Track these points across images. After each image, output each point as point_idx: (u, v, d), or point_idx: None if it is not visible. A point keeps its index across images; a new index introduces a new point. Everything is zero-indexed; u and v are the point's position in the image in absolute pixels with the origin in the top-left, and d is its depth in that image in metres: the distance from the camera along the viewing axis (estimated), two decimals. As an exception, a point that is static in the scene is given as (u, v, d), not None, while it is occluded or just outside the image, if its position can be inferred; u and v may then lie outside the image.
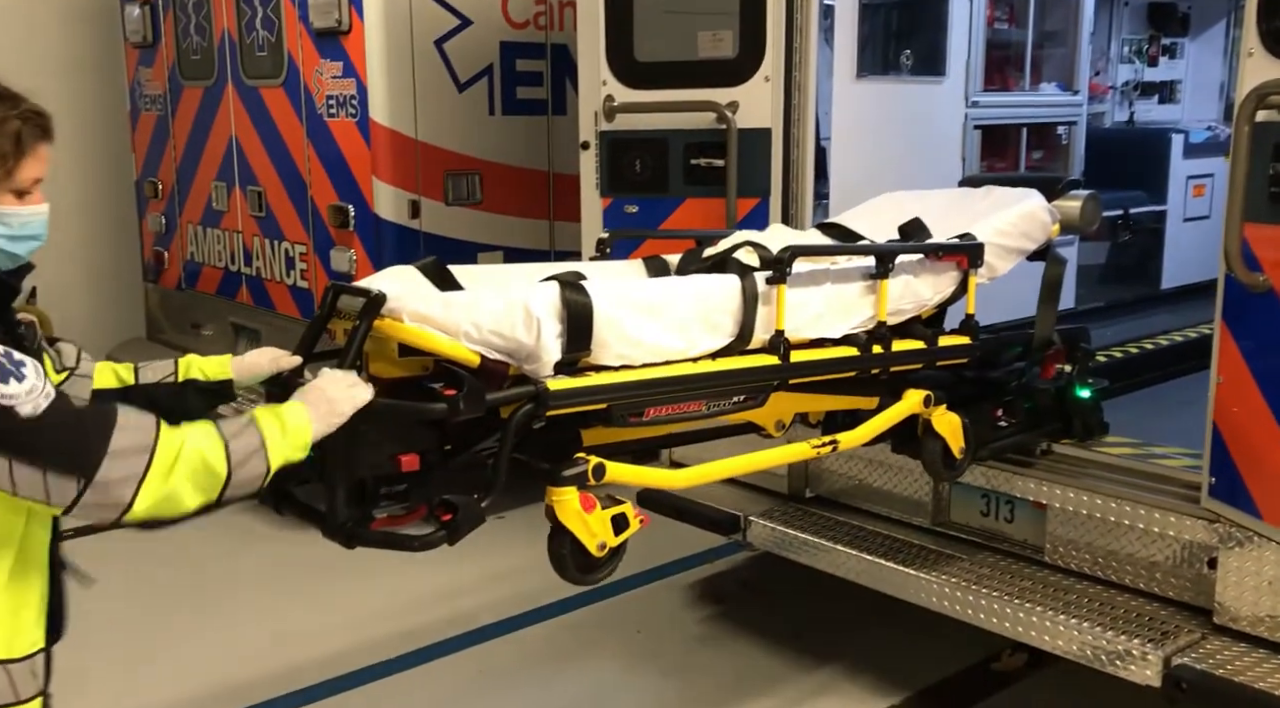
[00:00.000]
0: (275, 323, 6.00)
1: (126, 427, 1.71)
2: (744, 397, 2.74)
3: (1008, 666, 4.17)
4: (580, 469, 2.39)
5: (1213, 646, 3.03)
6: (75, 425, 1.69)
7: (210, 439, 1.77)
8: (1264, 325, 2.86)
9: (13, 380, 1.64)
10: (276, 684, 3.96)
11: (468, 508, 2.16)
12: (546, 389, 2.30)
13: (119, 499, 1.69)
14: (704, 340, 2.62)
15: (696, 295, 2.62)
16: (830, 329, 2.89)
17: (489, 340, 2.27)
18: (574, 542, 2.39)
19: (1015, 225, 3.32)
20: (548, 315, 2.31)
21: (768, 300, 2.69)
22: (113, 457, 1.68)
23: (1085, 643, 3.14)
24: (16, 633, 1.81)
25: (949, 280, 3.18)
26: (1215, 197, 6.08)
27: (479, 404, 2.19)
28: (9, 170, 1.77)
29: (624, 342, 2.46)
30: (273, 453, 1.83)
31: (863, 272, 2.95)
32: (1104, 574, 3.43)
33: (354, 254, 5.32)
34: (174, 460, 1.72)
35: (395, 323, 2.22)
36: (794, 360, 2.77)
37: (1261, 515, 2.94)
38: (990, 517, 3.76)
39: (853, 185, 4.27)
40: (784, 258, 2.69)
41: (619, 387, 2.45)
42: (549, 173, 5.69)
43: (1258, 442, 2.92)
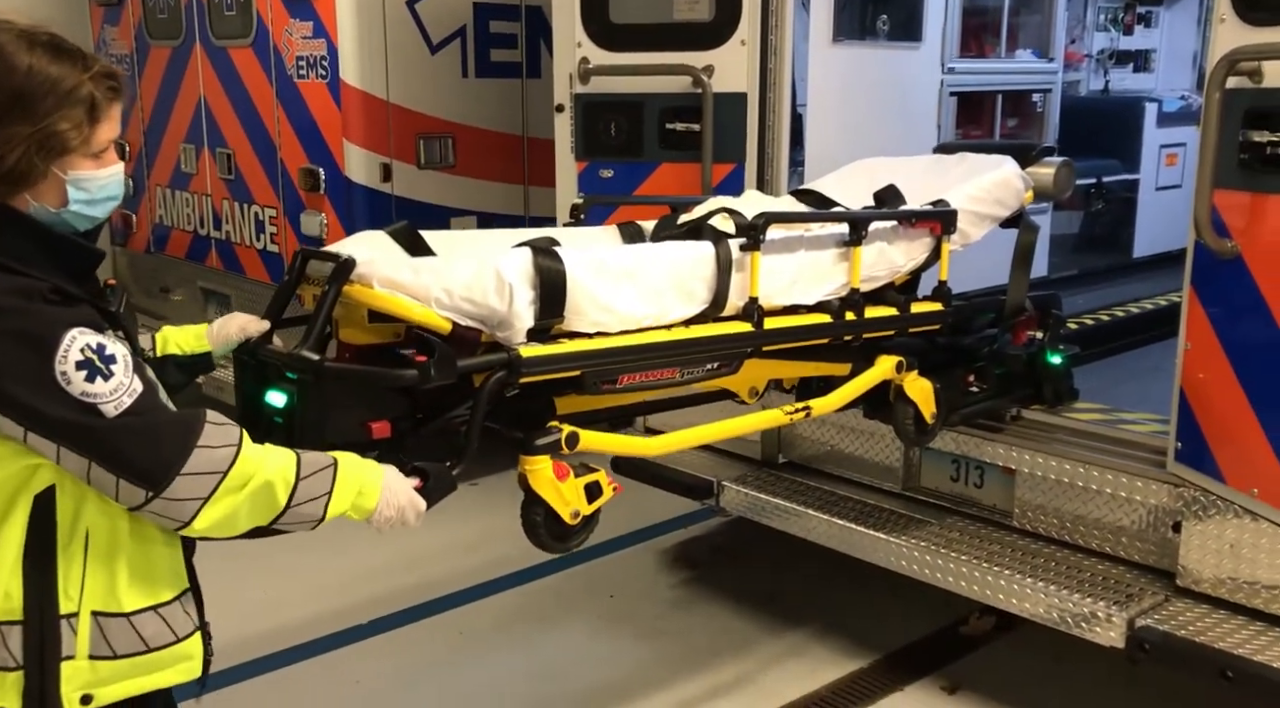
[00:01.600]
0: (245, 287, 5.94)
1: (208, 445, 1.73)
2: (718, 363, 2.74)
3: (975, 629, 4.23)
4: (554, 438, 2.39)
5: (1175, 608, 3.08)
6: (154, 434, 1.71)
7: (283, 472, 1.81)
8: (1232, 292, 2.88)
9: (99, 379, 1.66)
10: (251, 649, 3.96)
11: (439, 475, 2.14)
12: (519, 356, 2.28)
13: (181, 515, 1.74)
14: (678, 308, 2.61)
15: (671, 262, 2.61)
16: (804, 296, 2.89)
17: (460, 307, 2.24)
18: (548, 510, 2.40)
19: (989, 192, 3.32)
20: (520, 281, 2.27)
21: (742, 267, 2.68)
22: (185, 476, 1.71)
23: (1052, 606, 3.19)
24: (156, 582, 1.84)
25: (922, 247, 3.19)
26: (1187, 166, 6.12)
27: (450, 371, 2.17)
28: (85, 138, 1.74)
29: (598, 308, 2.44)
30: (333, 506, 1.87)
31: (836, 239, 2.95)
32: (1071, 539, 3.47)
33: (325, 218, 5.26)
34: (243, 486, 1.76)
35: (365, 289, 2.19)
36: (768, 328, 2.77)
37: (1225, 480, 2.98)
38: (960, 482, 3.80)
39: (828, 151, 4.26)
40: (758, 224, 2.68)
41: (592, 354, 2.43)
42: (523, 137, 5.63)
43: (1223, 407, 2.95)
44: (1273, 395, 2.81)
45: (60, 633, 1.76)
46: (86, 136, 1.74)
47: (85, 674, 1.78)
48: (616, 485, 2.50)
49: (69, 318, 1.68)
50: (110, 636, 1.80)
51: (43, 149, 1.71)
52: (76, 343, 1.65)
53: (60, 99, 1.71)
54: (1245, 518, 2.96)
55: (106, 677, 1.80)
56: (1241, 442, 2.91)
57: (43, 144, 1.71)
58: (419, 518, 2.01)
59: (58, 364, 1.64)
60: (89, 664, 1.78)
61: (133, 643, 1.81)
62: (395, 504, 1.95)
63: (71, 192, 1.76)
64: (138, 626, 1.82)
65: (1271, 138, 2.68)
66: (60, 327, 1.66)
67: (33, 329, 1.65)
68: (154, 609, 1.84)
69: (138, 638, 1.82)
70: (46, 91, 1.70)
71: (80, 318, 1.70)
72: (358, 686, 3.85)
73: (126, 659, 1.81)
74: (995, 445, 3.58)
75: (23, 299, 1.66)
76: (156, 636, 1.84)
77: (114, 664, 1.80)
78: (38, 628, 1.76)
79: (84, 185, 1.78)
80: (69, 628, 1.77)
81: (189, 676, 1.91)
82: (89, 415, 1.65)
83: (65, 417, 1.65)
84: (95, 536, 1.78)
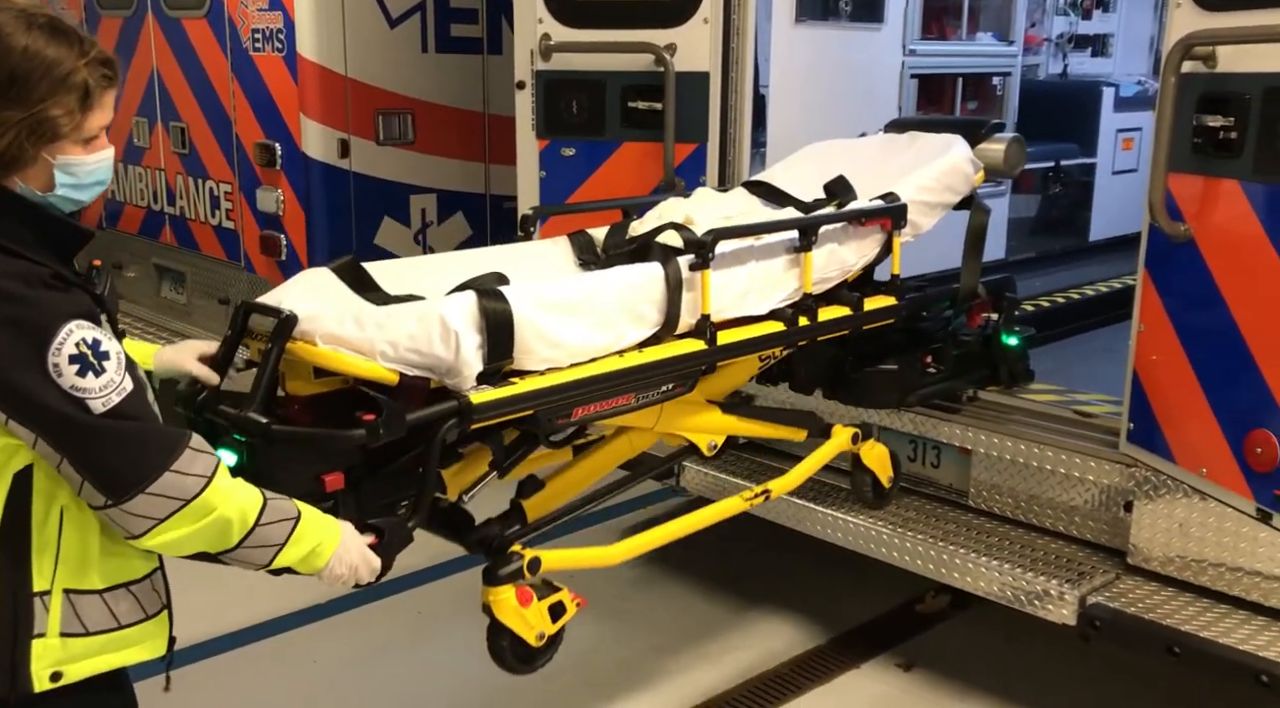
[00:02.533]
0: (200, 264, 5.85)
1: (180, 471, 1.73)
2: (673, 384, 2.70)
3: (931, 607, 4.28)
4: (515, 566, 2.44)
5: (1125, 585, 3.14)
6: (131, 446, 1.70)
7: (244, 514, 1.81)
8: (1185, 275, 2.92)
9: (90, 374, 1.65)
10: (208, 629, 3.92)
11: (394, 530, 2.14)
12: (469, 403, 2.23)
13: (131, 529, 1.73)
14: (630, 332, 2.57)
15: (619, 288, 2.55)
16: (756, 307, 2.85)
17: (407, 358, 2.18)
18: (513, 637, 2.46)
19: (938, 180, 3.29)
20: (466, 327, 2.22)
21: (692, 286, 2.64)
22: (148, 495, 1.71)
23: (1005, 584, 3.23)
24: (128, 560, 1.84)
25: (873, 243, 3.15)
26: (1143, 150, 6.20)
27: (399, 427, 2.13)
28: (76, 124, 1.73)
29: (547, 345, 2.39)
30: (281, 559, 1.88)
31: (786, 245, 2.90)
32: (1025, 518, 3.52)
33: (281, 194, 5.18)
34: (200, 518, 1.76)
35: (308, 346, 2.15)
36: (721, 343, 2.73)
37: (1175, 460, 3.03)
38: (917, 462, 3.84)
39: (791, 133, 4.26)
40: (707, 241, 2.63)
41: (544, 392, 2.38)
42: (484, 114, 5.57)
43: (1174, 388, 3.00)
44: (1222, 377, 2.86)
45: (33, 611, 1.76)
46: (78, 123, 1.73)
47: (56, 652, 1.78)
48: (580, 600, 2.55)
49: (68, 309, 1.67)
50: (82, 613, 1.80)
51: (33, 135, 1.69)
52: (73, 336, 1.65)
53: (54, 84, 1.69)
54: (1194, 497, 3.02)
55: (77, 653, 1.79)
56: (1191, 423, 2.96)
57: (34, 130, 1.69)
58: (373, 574, 2.03)
59: (51, 356, 1.63)
60: (60, 642, 1.78)
61: (104, 620, 1.82)
62: (348, 562, 1.97)
63: (59, 176, 1.75)
64: (109, 602, 1.82)
65: (1224, 122, 2.72)
66: (59, 318, 1.65)
67: (31, 318, 1.64)
68: (126, 586, 1.85)
69: (110, 615, 1.82)
70: (41, 76, 1.68)
71: (79, 308, 1.69)
72: (315, 665, 3.83)
73: (98, 636, 1.81)
74: (952, 426, 3.62)
75: (23, 285, 1.64)
76: (128, 612, 1.85)
77: (85, 641, 1.80)
78: (10, 606, 1.75)
79: (72, 170, 1.76)
80: (41, 606, 1.76)
81: (155, 653, 1.91)
82: (74, 409, 1.65)
83: (50, 407, 1.64)
84: (70, 514, 1.77)
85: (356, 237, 5.23)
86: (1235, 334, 2.77)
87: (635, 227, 3.05)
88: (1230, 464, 2.83)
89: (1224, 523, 2.97)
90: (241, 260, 5.55)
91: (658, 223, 3.01)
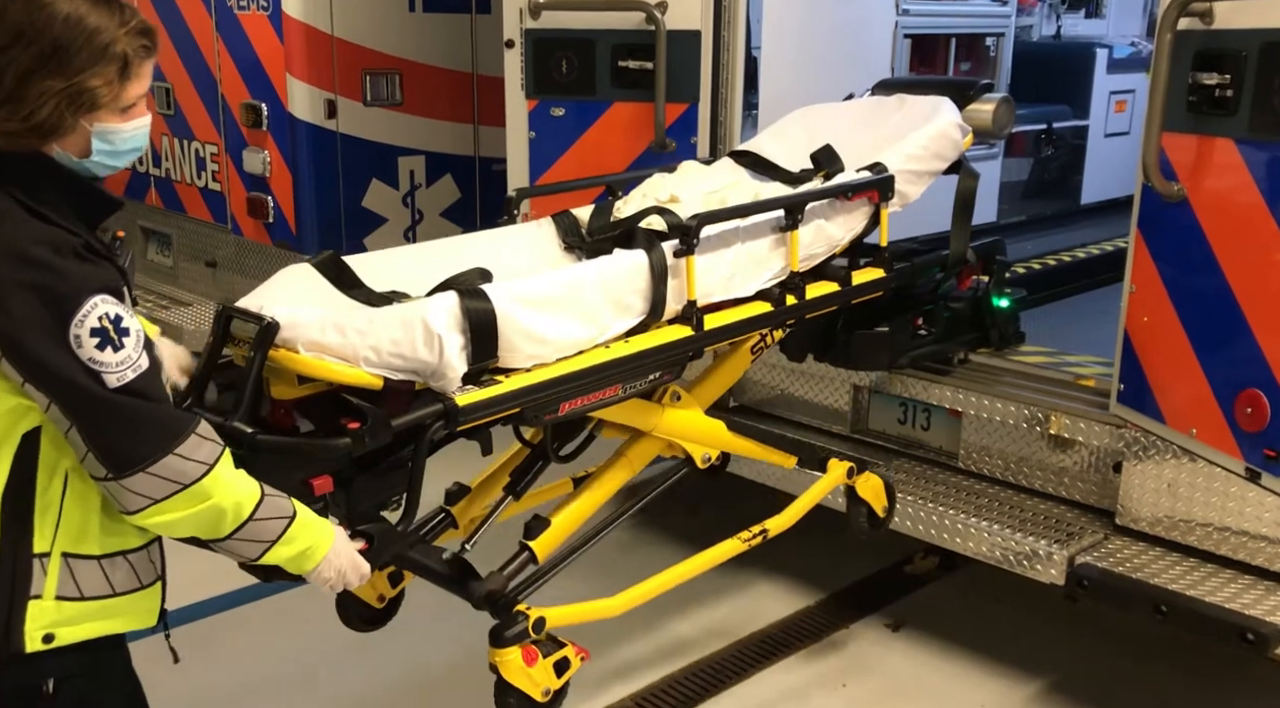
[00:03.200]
0: (186, 227, 5.80)
1: (183, 455, 1.74)
2: (661, 372, 2.68)
3: (920, 568, 4.31)
4: (521, 627, 2.51)
5: (1114, 545, 3.16)
6: (140, 424, 1.71)
7: (240, 506, 1.82)
8: (1177, 235, 2.91)
9: (109, 349, 1.67)
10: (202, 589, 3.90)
11: (384, 535, 2.17)
12: (455, 405, 2.22)
13: (126, 505, 1.75)
14: (615, 323, 2.54)
15: (603, 280, 2.52)
16: (743, 289, 2.81)
17: (390, 363, 2.16)
18: (520, 694, 2.52)
19: (926, 148, 3.24)
20: (449, 330, 2.19)
21: (677, 273, 2.61)
22: (148, 474, 1.72)
23: (995, 545, 3.25)
24: (127, 529, 1.85)
25: (860, 217, 3.09)
26: (1136, 113, 6.16)
27: (385, 434, 2.12)
28: (115, 95, 1.74)
29: (532, 342, 2.36)
30: (271, 555, 1.89)
31: (772, 225, 2.85)
32: (1015, 479, 3.53)
33: (268, 155, 5.13)
34: (196, 504, 1.77)
35: (290, 354, 2.13)
36: (709, 328, 2.70)
37: (1165, 420, 3.04)
38: (907, 425, 3.84)
39: (783, 92, 4.22)
40: (691, 227, 2.59)
41: (530, 389, 2.36)
42: (473, 74, 5.51)
43: (1165, 349, 3.00)
44: (1213, 337, 2.86)
45: (31, 572, 1.77)
46: (116, 93, 1.74)
47: (51, 614, 1.79)
48: (584, 654, 2.62)
49: (95, 282, 1.69)
50: (79, 577, 1.81)
51: (73, 104, 1.70)
52: (97, 310, 1.66)
53: (95, 55, 1.70)
54: (1183, 458, 3.03)
55: (71, 617, 1.80)
56: (1182, 383, 2.96)
57: (73, 99, 1.70)
58: (362, 580, 2.06)
59: (73, 327, 1.65)
60: (55, 605, 1.79)
61: (100, 586, 1.83)
62: (337, 567, 1.99)
63: (96, 143, 1.77)
64: (106, 569, 1.83)
65: (1220, 80, 2.69)
66: (86, 291, 1.67)
67: (58, 288, 1.65)
68: (123, 555, 1.86)
69: (105, 582, 1.83)
70: (82, 45, 1.69)
71: (105, 282, 1.70)
72: (307, 625, 3.84)
73: (92, 602, 1.82)
74: (943, 388, 3.62)
75: (53, 253, 1.66)
76: (123, 581, 1.86)
77: (79, 606, 1.81)
78: (10, 566, 1.76)
79: (109, 138, 1.78)
80: (40, 567, 1.78)
81: (146, 623, 1.93)
82: (89, 381, 1.66)
83: (66, 377, 1.66)
84: (74, 479, 1.79)
85: (344, 199, 5.19)
86: (1227, 294, 2.77)
87: (619, 207, 3.02)
88: (1220, 424, 2.83)
89: (1213, 483, 2.98)
90: (228, 223, 5.50)
91: (642, 202, 2.99)
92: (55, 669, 1.83)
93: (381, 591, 2.96)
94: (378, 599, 2.99)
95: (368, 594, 2.95)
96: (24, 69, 1.66)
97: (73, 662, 1.84)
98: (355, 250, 5.34)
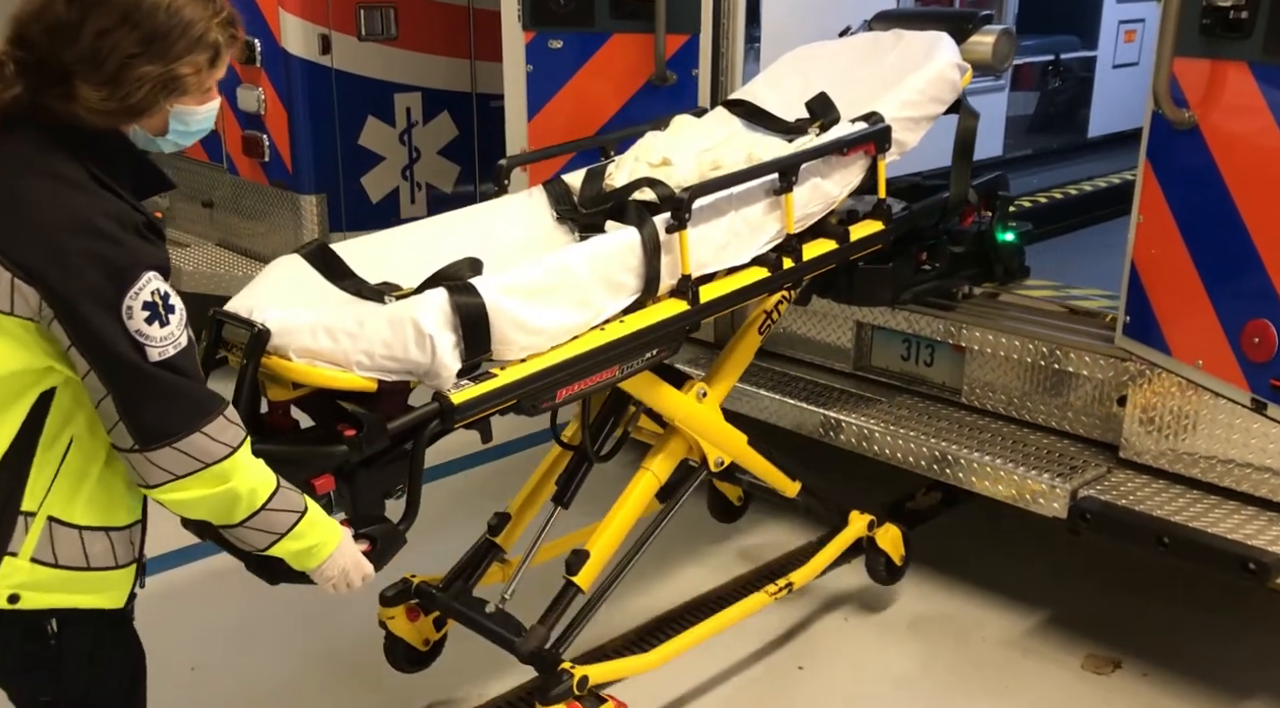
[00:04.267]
0: (181, 167, 5.72)
1: (209, 435, 1.77)
2: (658, 350, 2.65)
3: (922, 504, 4.32)
4: (565, 685, 2.63)
5: (1117, 478, 3.15)
6: (174, 400, 1.75)
7: (254, 494, 1.85)
8: (1187, 163, 2.86)
9: (156, 324, 1.71)
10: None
11: (387, 536, 2.19)
12: (451, 404, 2.22)
13: (148, 478, 1.77)
14: (610, 305, 2.51)
15: (594, 262, 2.47)
16: (737, 257, 2.75)
17: (384, 366, 2.15)
18: None
19: (923, 92, 3.15)
20: (440, 329, 2.17)
21: (670, 248, 2.56)
22: (175, 449, 1.74)
23: (997, 480, 3.24)
24: (115, 505, 1.87)
25: (857, 170, 3.01)
26: (1145, 43, 6.05)
27: (381, 438, 2.13)
28: (201, 81, 1.81)
29: (525, 333, 2.33)
30: (278, 548, 1.92)
31: (766, 188, 2.77)
32: (1018, 414, 3.51)
33: (262, 93, 5.04)
34: (216, 484, 1.79)
35: (282, 362, 2.13)
36: (705, 301, 2.66)
37: (1171, 352, 3.01)
38: (910, 361, 3.82)
39: (785, 24, 4.13)
40: (683, 201, 2.53)
41: (525, 380, 2.35)
42: (469, 7, 5.40)
43: (1173, 280, 2.96)
44: (1222, 267, 2.82)
45: (14, 528, 1.77)
46: (203, 79, 1.81)
47: (22, 574, 1.79)
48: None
49: (151, 259, 1.74)
50: (57, 544, 1.81)
51: (165, 89, 1.77)
52: (150, 285, 1.71)
53: (190, 44, 1.77)
54: (1188, 390, 3.01)
55: (40, 582, 1.80)
56: (1189, 314, 2.93)
57: (166, 85, 1.77)
58: (365, 580, 2.08)
59: (128, 299, 1.69)
60: (28, 566, 1.79)
61: (75, 557, 1.83)
62: (340, 566, 2.02)
63: (173, 123, 1.84)
64: (86, 541, 1.84)
65: (1234, 2, 2.62)
66: (142, 267, 1.71)
67: (120, 260, 1.70)
68: (106, 530, 1.86)
69: (81, 553, 1.83)
70: (180, 35, 1.76)
71: (159, 260, 1.76)
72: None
73: (65, 571, 1.82)
74: (946, 323, 3.59)
75: (119, 227, 1.71)
76: (100, 556, 1.86)
77: (51, 573, 1.81)
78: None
79: (185, 119, 1.85)
80: (23, 525, 1.78)
81: (115, 604, 1.92)
82: (133, 352, 1.70)
83: (112, 346, 1.69)
84: (76, 446, 1.80)
85: (341, 137, 5.12)
86: (1237, 222, 2.72)
87: (611, 172, 2.96)
88: (1227, 355, 2.81)
89: (1217, 415, 2.96)
90: (224, 162, 5.44)
91: (634, 166, 2.93)
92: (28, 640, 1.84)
93: (426, 635, 3.10)
94: (423, 643, 3.11)
95: (414, 638, 3.08)
96: (126, 53, 1.72)
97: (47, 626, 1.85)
98: (353, 190, 5.34)
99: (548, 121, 4.25)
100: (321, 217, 5.10)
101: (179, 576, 3.76)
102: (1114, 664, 3.36)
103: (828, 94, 3.12)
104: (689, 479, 3.09)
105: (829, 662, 3.38)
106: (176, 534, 2.01)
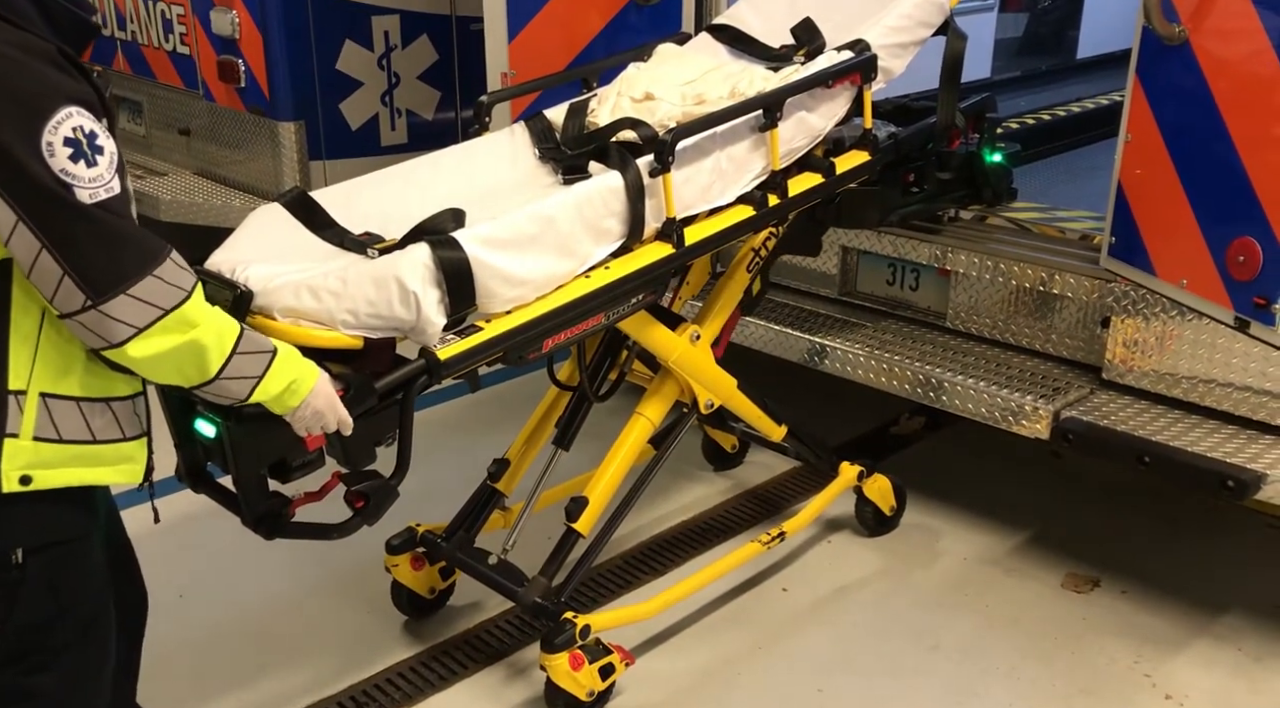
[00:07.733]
0: (156, 93, 5.63)
1: (161, 278, 1.67)
2: (644, 294, 2.63)
3: (906, 428, 4.35)
4: (568, 634, 2.70)
5: (1100, 399, 3.16)
6: (117, 241, 1.64)
7: (222, 340, 1.77)
8: (1176, 80, 2.82)
9: (82, 163, 1.59)
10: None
11: (379, 491, 2.20)
12: (438, 360, 2.22)
13: (111, 336, 1.67)
14: (595, 251, 2.48)
15: (577, 208, 2.43)
16: (723, 196, 2.71)
17: (368, 324, 2.14)
18: (568, 696, 2.72)
19: (910, 16, 3.07)
20: (423, 285, 2.15)
21: (654, 191, 2.52)
22: (129, 297, 1.65)
23: (981, 402, 3.25)
24: (111, 376, 1.81)
25: (843, 102, 2.95)
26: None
27: (369, 397, 2.12)
28: None
29: (510, 285, 2.31)
30: (259, 393, 1.85)
31: (750, 124, 2.71)
32: (1002, 337, 3.52)
33: (236, 15, 4.92)
34: (181, 332, 1.71)
35: (266, 321, 2.11)
36: (690, 243, 2.63)
37: (1155, 272, 3.01)
38: (895, 286, 3.80)
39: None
40: (666, 143, 2.48)
41: (512, 332, 2.34)
42: (446, -74, 5.27)
43: (1159, 199, 2.94)
44: (1209, 184, 2.80)
45: (6, 409, 1.71)
46: None
47: (28, 454, 1.74)
48: (629, 659, 2.82)
49: (70, 91, 1.61)
50: (57, 418, 1.75)
51: None
52: (71, 120, 1.58)
53: None
54: (1172, 311, 3.01)
55: (49, 460, 1.75)
56: (1174, 233, 2.91)
57: None
58: (341, 424, 2.03)
59: (46, 133, 1.56)
60: (32, 445, 1.74)
61: (79, 430, 1.78)
62: (315, 407, 1.96)
63: None
64: (86, 413, 1.78)
65: (1228, -91, 2.56)
66: (59, 98, 1.59)
67: (29, 88, 1.57)
68: (106, 402, 1.81)
69: (85, 426, 1.78)
70: None
71: (81, 94, 1.62)
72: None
73: (71, 446, 1.77)
74: (931, 247, 3.57)
75: (23, 53, 1.58)
76: (104, 428, 1.81)
77: (57, 448, 1.76)
78: None
79: None
80: (15, 405, 1.72)
81: (131, 478, 1.88)
82: (62, 191, 1.58)
83: (37, 184, 1.57)
84: (52, 316, 1.70)
85: (318, 61, 5.01)
86: (1225, 140, 2.70)
87: (594, 108, 2.91)
88: (1211, 274, 2.80)
89: (1200, 335, 2.97)
90: (199, 88, 5.33)
91: (616, 102, 2.88)
92: (26, 535, 1.78)
93: (433, 584, 3.16)
94: (429, 591, 3.17)
95: (420, 586, 3.13)
96: None
97: (52, 510, 1.79)
98: (331, 116, 5.23)
99: (529, 44, 4.17)
100: (300, 144, 5.01)
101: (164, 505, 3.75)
102: (1093, 583, 3.42)
103: (813, 19, 3.06)
104: (680, 423, 3.13)
105: (813, 584, 3.42)
106: (160, 465, 1.99)
